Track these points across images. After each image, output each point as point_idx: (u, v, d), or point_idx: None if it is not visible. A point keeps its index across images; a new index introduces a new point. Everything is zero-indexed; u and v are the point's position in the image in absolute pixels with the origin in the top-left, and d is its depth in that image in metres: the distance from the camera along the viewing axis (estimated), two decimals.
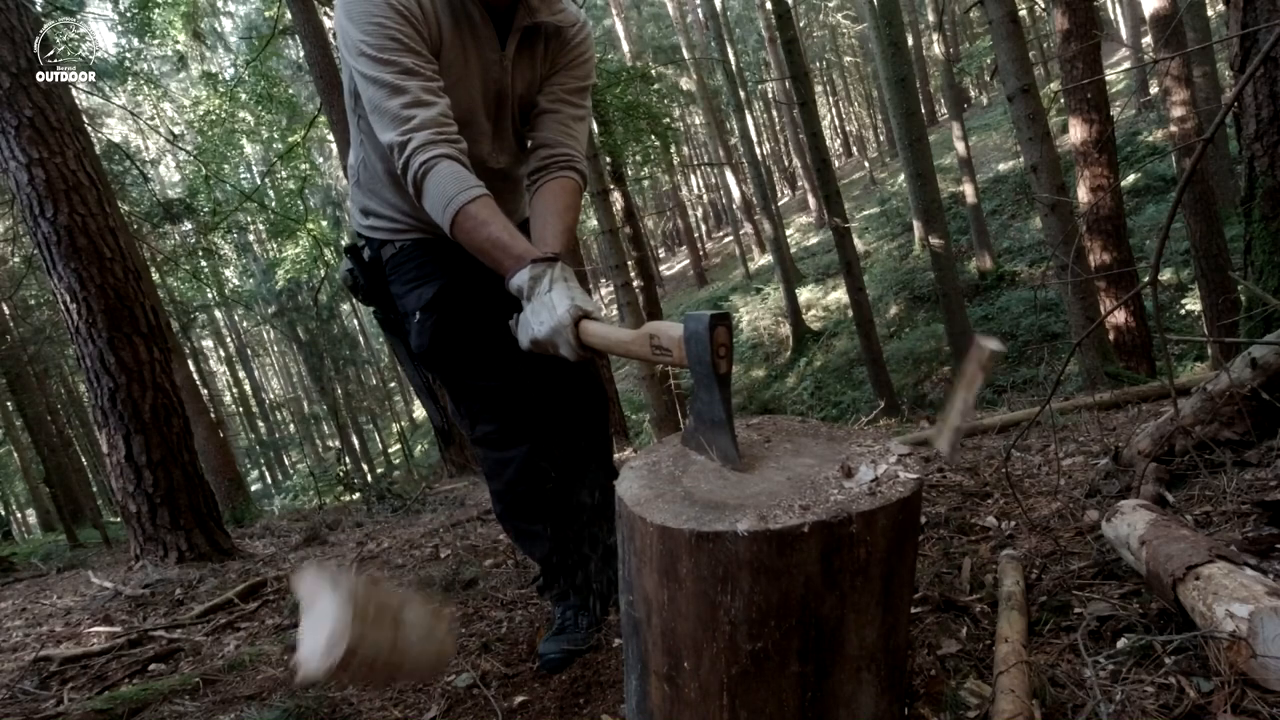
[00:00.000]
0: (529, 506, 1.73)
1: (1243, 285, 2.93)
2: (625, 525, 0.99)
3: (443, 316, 1.62)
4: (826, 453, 1.07)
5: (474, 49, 1.49)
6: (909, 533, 0.95)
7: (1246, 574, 1.13)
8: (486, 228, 1.33)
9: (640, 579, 0.97)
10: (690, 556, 0.88)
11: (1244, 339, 2.39)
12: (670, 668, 0.97)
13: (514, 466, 1.69)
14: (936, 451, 1.02)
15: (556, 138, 1.58)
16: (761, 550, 0.85)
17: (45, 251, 3.73)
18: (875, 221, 21.11)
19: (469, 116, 1.52)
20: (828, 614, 0.89)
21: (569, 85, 1.61)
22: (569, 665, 1.69)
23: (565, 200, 1.53)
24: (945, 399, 1.05)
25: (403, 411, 35.03)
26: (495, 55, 1.51)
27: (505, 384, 1.65)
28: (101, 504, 14.12)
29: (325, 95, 8.57)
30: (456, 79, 1.48)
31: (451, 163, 1.36)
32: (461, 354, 1.64)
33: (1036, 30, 23.65)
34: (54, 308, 10.31)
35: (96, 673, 2.26)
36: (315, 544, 4.19)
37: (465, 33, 1.47)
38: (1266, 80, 2.42)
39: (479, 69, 1.51)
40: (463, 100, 1.50)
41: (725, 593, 0.88)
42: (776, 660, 0.90)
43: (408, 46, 1.37)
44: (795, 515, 0.86)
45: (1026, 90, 6.13)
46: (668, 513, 0.92)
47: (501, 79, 1.53)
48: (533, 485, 1.69)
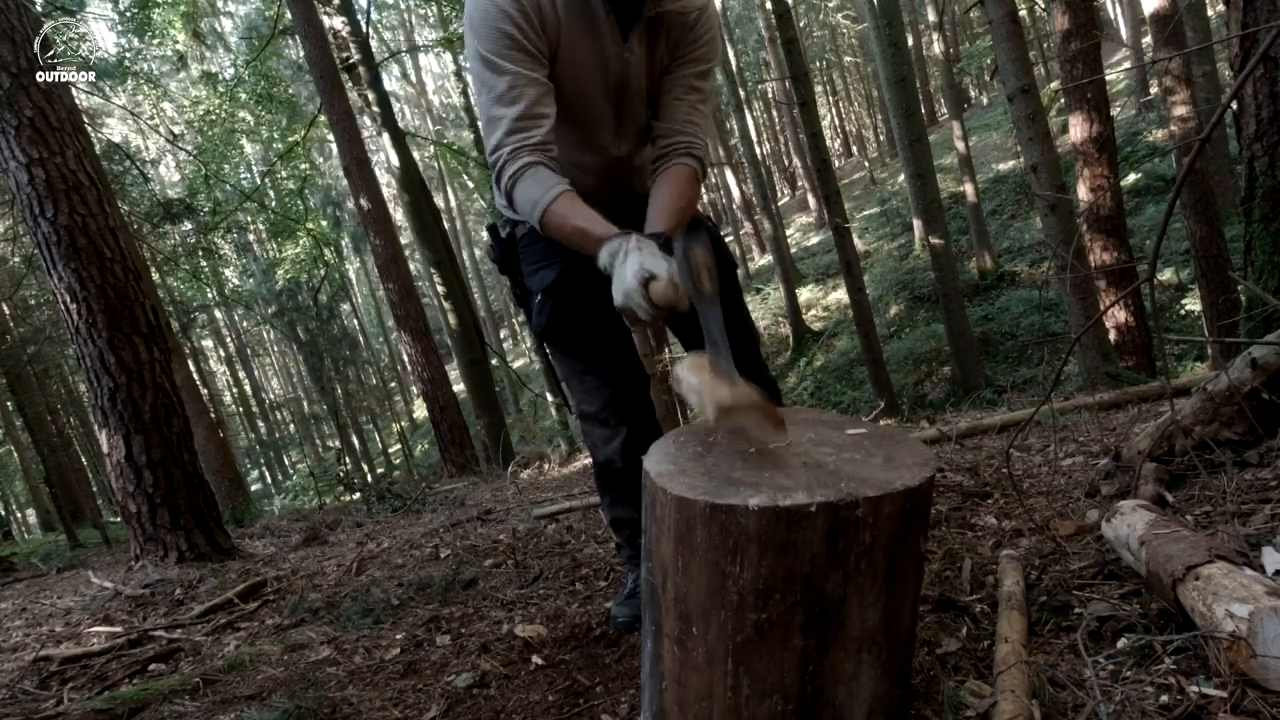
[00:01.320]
0: (622, 485, 1.83)
1: (1243, 285, 2.93)
2: (649, 495, 1.05)
3: (561, 300, 1.70)
4: (846, 442, 1.11)
5: (594, 41, 1.52)
6: (915, 522, 0.97)
7: (1246, 574, 1.13)
8: (570, 219, 1.41)
9: (659, 546, 1.03)
10: (704, 526, 0.94)
11: (1244, 339, 2.39)
12: (681, 632, 1.01)
13: (610, 446, 1.79)
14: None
15: (677, 125, 1.61)
16: (770, 525, 0.90)
17: (45, 251, 3.73)
18: (875, 221, 21.10)
19: (591, 107, 1.58)
20: (831, 592, 0.93)
21: (692, 70, 1.62)
22: (637, 629, 1.77)
23: (678, 187, 1.55)
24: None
25: (403, 411, 35.03)
26: (617, 47, 1.54)
27: (612, 369, 1.76)
28: (101, 504, 14.12)
29: (325, 95, 8.58)
30: (576, 72, 1.52)
31: (537, 168, 1.44)
32: (574, 337, 1.75)
33: (1036, 30, 23.66)
34: (54, 308, 10.30)
35: (96, 673, 2.25)
36: (315, 544, 4.19)
37: (586, 25, 1.50)
38: (1266, 80, 2.41)
39: (600, 61, 1.54)
40: (584, 92, 1.55)
41: (734, 563, 0.93)
42: (780, 632, 0.94)
43: (521, 55, 1.43)
44: (804, 495, 0.91)
45: (1026, 90, 6.13)
46: (686, 485, 0.98)
47: (623, 70, 1.56)
48: (629, 465, 1.77)
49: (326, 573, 3.20)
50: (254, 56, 12.33)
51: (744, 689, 0.97)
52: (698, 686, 1.01)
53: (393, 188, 11.29)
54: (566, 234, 1.42)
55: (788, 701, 0.97)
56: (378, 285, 22.01)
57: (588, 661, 1.72)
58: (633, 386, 1.80)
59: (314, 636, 2.24)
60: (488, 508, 4.19)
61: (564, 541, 2.88)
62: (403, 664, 1.90)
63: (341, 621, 2.35)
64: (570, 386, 1.83)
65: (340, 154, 8.99)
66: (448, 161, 18.47)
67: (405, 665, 1.89)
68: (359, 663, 1.97)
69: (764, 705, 0.97)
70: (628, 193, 1.69)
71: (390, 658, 1.96)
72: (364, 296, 36.35)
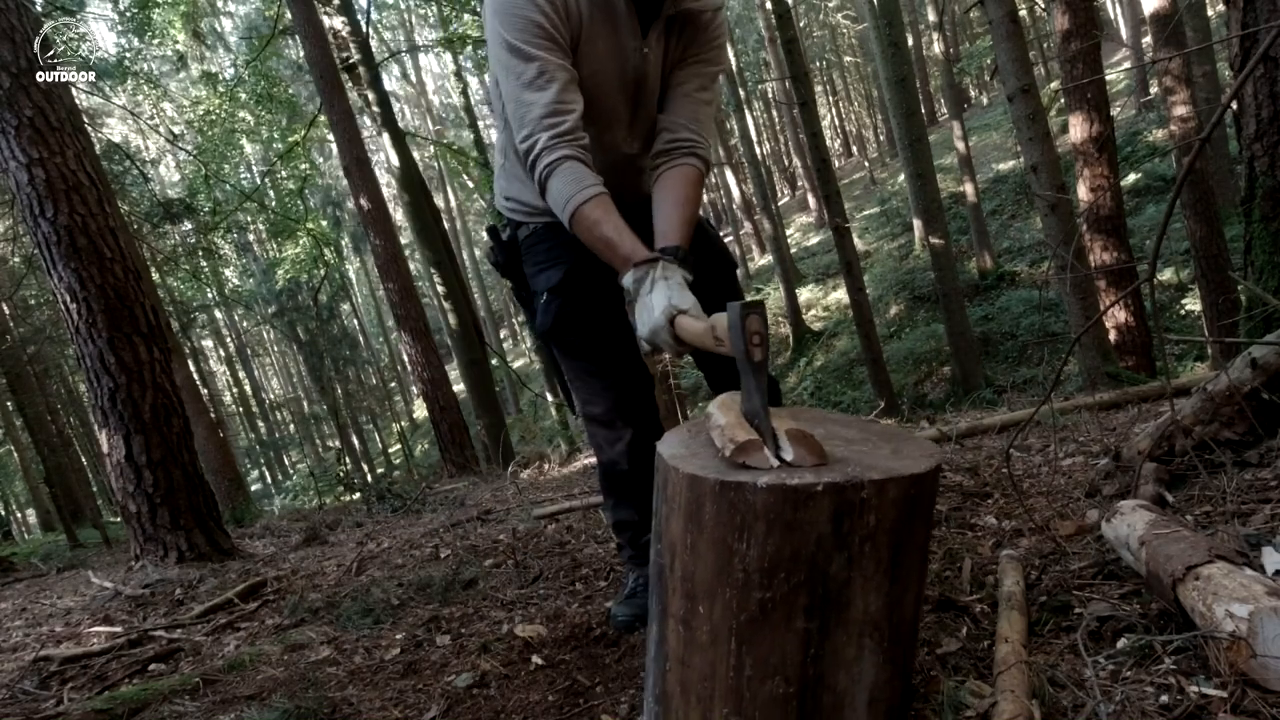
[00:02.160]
0: (626, 487, 1.82)
1: (1243, 285, 2.93)
2: (660, 476, 1.07)
3: (567, 300, 1.70)
4: (855, 436, 1.13)
5: (615, 38, 1.51)
6: (920, 509, 0.98)
7: (1246, 574, 1.13)
8: (600, 227, 1.41)
9: (669, 525, 1.05)
10: (713, 503, 0.96)
11: (1244, 339, 2.39)
12: (687, 611, 1.03)
13: (616, 448, 1.78)
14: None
15: (683, 123, 1.59)
16: (777, 502, 0.92)
17: (45, 251, 3.73)
18: (875, 221, 21.10)
19: (606, 103, 1.57)
20: (835, 574, 0.94)
21: (703, 70, 1.61)
22: (636, 629, 1.77)
23: (686, 190, 1.54)
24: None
25: (403, 411, 35.03)
26: (636, 43, 1.53)
27: (617, 371, 1.74)
28: (101, 504, 14.11)
29: (325, 95, 8.58)
30: (596, 67, 1.51)
31: (573, 163, 1.44)
32: (580, 338, 1.74)
33: (1036, 30, 23.65)
34: (54, 308, 10.30)
35: (96, 673, 2.25)
36: (315, 544, 4.19)
37: (607, 21, 1.50)
38: (1266, 80, 2.41)
39: (618, 57, 1.53)
40: (601, 87, 1.54)
41: (741, 541, 0.94)
42: (783, 612, 0.95)
43: (547, 44, 1.42)
44: (811, 475, 0.93)
45: (1026, 90, 6.13)
46: (698, 465, 1.00)
47: (641, 67, 1.56)
48: (634, 467, 1.76)
49: (326, 573, 3.20)
50: (254, 56, 12.33)
51: (746, 669, 0.98)
52: (701, 667, 1.02)
53: (393, 188, 11.30)
54: (592, 240, 1.43)
55: (789, 684, 0.98)
56: (378, 285, 22.02)
57: (588, 661, 1.72)
58: (638, 388, 1.79)
59: (314, 636, 2.24)
60: (488, 508, 4.19)
61: (564, 541, 2.88)
62: (403, 664, 1.90)
63: (341, 621, 2.35)
64: (575, 388, 1.82)
65: (340, 154, 8.99)
66: (448, 161, 18.49)
67: (405, 665, 1.89)
68: (359, 663, 1.97)
69: (765, 687, 0.98)
70: (634, 193, 1.68)
71: (390, 658, 1.96)
72: (364, 296, 36.35)
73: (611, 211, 1.42)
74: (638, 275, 1.35)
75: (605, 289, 1.63)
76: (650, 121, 1.65)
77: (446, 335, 10.38)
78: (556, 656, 1.78)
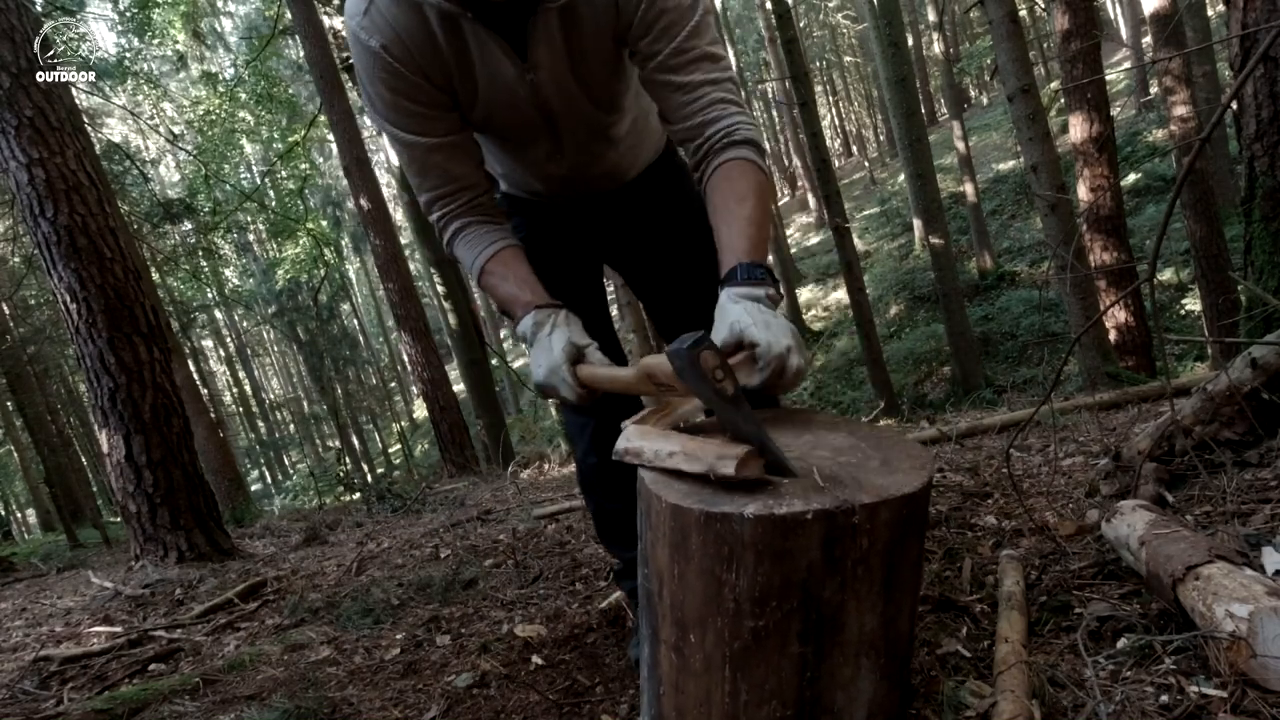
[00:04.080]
0: (601, 481, 1.68)
1: (1243, 285, 2.93)
2: (644, 502, 1.03)
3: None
4: (844, 445, 1.09)
5: (491, 69, 1.30)
6: (913, 527, 0.96)
7: (1246, 574, 1.13)
8: (503, 284, 1.36)
9: (655, 552, 1.01)
10: (699, 534, 0.92)
11: (1244, 339, 2.39)
12: (678, 639, 1.00)
13: (586, 435, 1.66)
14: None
15: (697, 116, 1.28)
16: (765, 533, 0.88)
17: (45, 251, 3.73)
18: (875, 221, 21.10)
19: (516, 129, 1.42)
20: (829, 599, 0.92)
21: (664, 49, 1.26)
22: None
23: (739, 187, 1.25)
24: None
25: (403, 411, 35.03)
26: (516, 70, 1.29)
27: None
28: (101, 504, 14.11)
29: (325, 95, 8.59)
30: (489, 97, 1.34)
31: (470, 228, 1.39)
32: None
33: (1036, 30, 23.66)
34: (54, 308, 10.30)
35: (96, 673, 2.26)
36: (315, 544, 4.19)
37: (477, 56, 1.29)
38: (1266, 80, 2.41)
39: (505, 90, 1.33)
40: (503, 116, 1.38)
41: (730, 571, 0.91)
42: (777, 639, 0.93)
43: (414, 117, 1.31)
44: (800, 502, 0.89)
45: (1026, 90, 6.13)
46: (681, 492, 0.96)
47: (537, 92, 1.33)
48: (604, 458, 1.56)
49: (326, 573, 3.20)
50: (254, 56, 12.34)
51: (742, 695, 0.97)
52: (696, 693, 1.01)
53: (393, 188, 11.31)
54: (497, 298, 1.38)
55: (786, 707, 0.96)
56: (378, 285, 22.02)
57: (588, 661, 1.72)
58: None
59: (314, 636, 2.24)
60: (488, 508, 4.19)
61: (564, 541, 2.88)
62: (403, 664, 1.90)
63: (341, 621, 2.35)
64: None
65: (340, 154, 8.99)
66: None
67: (405, 665, 1.89)
68: (359, 663, 1.97)
69: (762, 711, 0.97)
70: (614, 166, 1.54)
71: (390, 658, 1.97)
72: (364, 296, 36.35)
73: (512, 263, 1.37)
74: (539, 318, 1.28)
75: (563, 263, 1.58)
76: (587, 131, 1.44)
77: (446, 335, 10.38)
78: (556, 656, 1.78)
